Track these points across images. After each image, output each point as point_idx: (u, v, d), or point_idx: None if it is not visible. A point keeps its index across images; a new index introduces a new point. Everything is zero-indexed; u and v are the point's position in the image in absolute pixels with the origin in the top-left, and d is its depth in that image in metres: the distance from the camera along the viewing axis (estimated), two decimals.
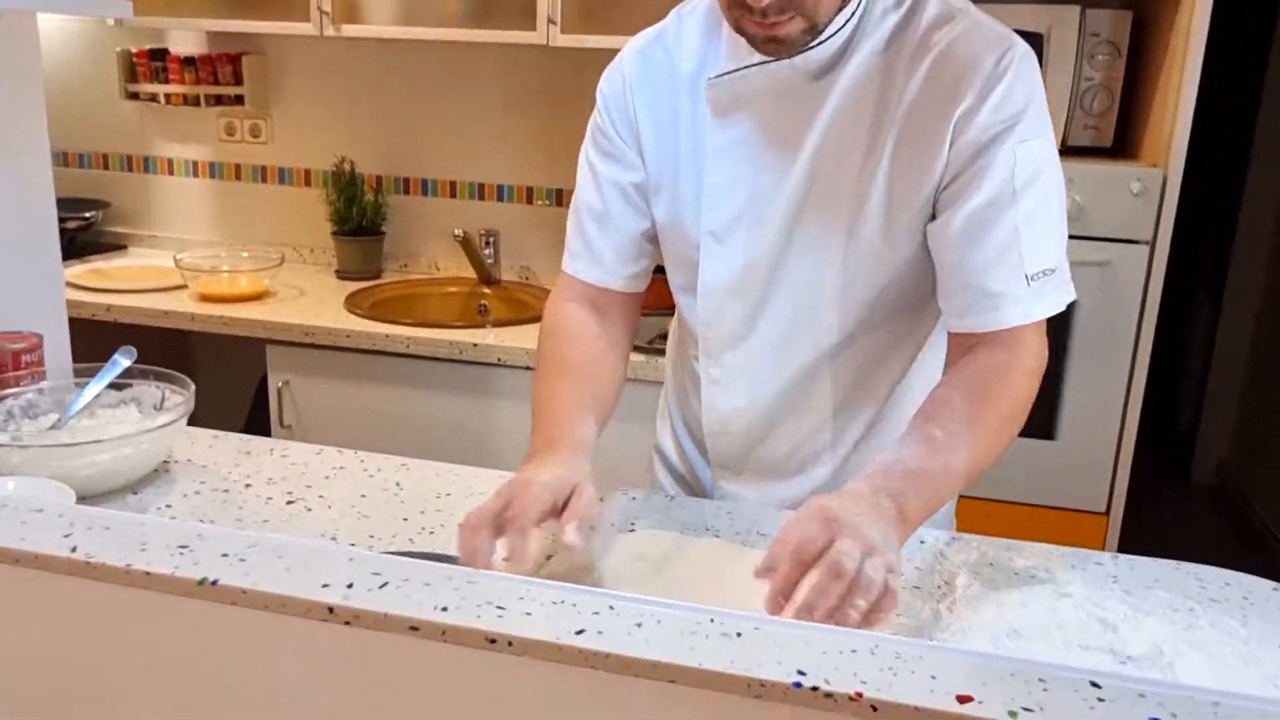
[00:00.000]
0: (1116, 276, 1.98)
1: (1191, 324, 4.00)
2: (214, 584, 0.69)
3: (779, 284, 1.09)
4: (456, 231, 2.42)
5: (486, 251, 2.54)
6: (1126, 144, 2.18)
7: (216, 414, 2.94)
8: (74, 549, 0.71)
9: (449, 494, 1.16)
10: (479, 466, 2.21)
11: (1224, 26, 2.06)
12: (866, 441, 1.17)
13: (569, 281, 1.18)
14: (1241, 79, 3.55)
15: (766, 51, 1.01)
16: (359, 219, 2.59)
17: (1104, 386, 2.05)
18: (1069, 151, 2.05)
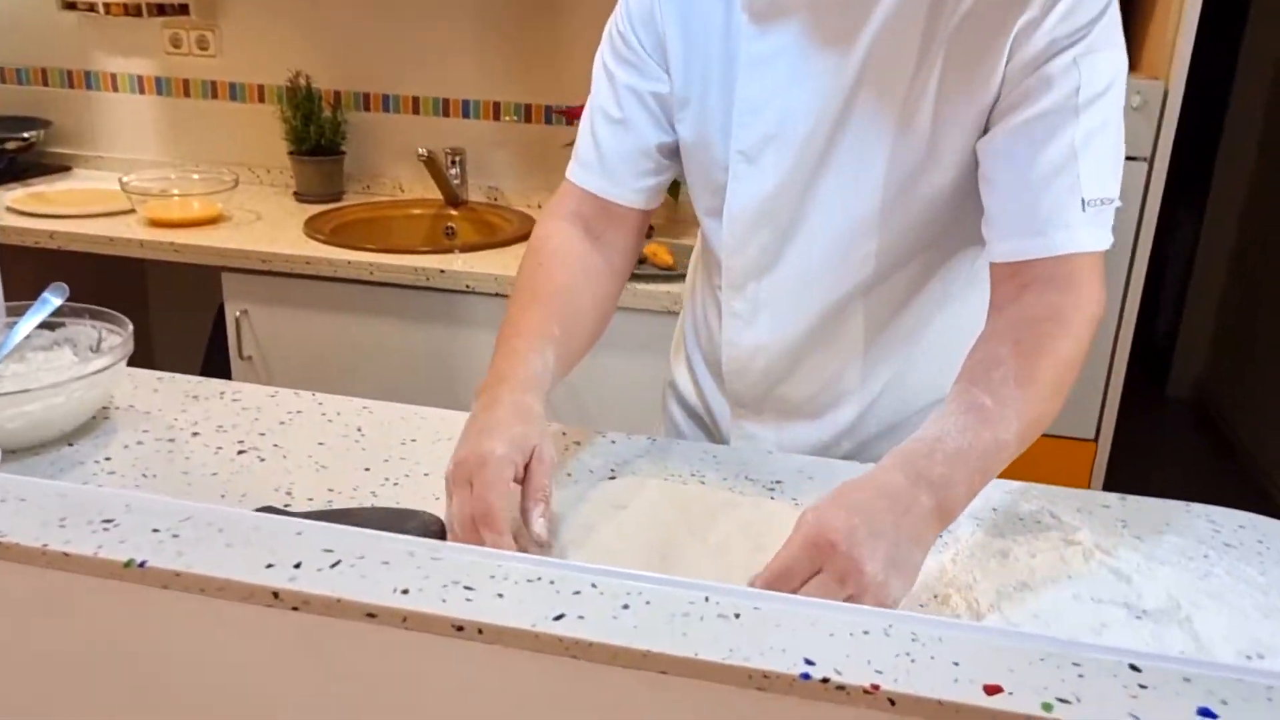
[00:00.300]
0: None
1: (1170, 241, 3.95)
2: (142, 566, 0.60)
3: (812, 209, 1.01)
4: (421, 150, 2.30)
5: (453, 171, 2.43)
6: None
7: (174, 345, 2.84)
8: None
9: (413, 440, 1.08)
10: (447, 395, 2.16)
11: None
12: (897, 384, 1.10)
13: (569, 192, 1.10)
14: None
15: None
16: (317, 138, 2.45)
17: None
18: None
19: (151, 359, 2.88)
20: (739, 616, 0.58)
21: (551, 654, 0.57)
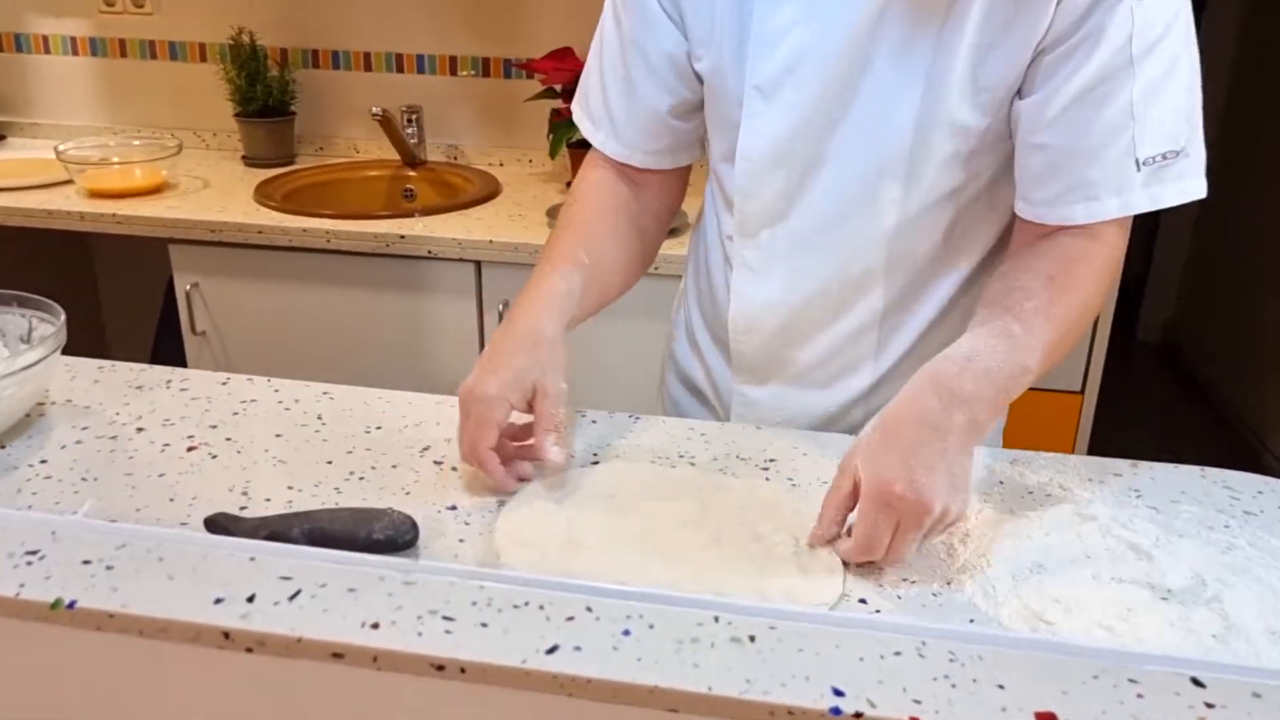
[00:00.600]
0: None
1: None
2: (72, 606, 0.53)
3: (832, 150, 0.93)
4: (375, 109, 2.18)
5: (409, 130, 2.32)
6: None
7: (126, 322, 2.72)
8: None
9: (379, 427, 1.00)
10: (414, 365, 2.07)
11: None
12: (915, 353, 1.03)
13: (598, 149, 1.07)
14: None
15: None
16: (264, 98, 2.33)
17: None
18: None
19: (103, 338, 2.77)
20: (754, 640, 0.52)
21: (545, 693, 0.50)
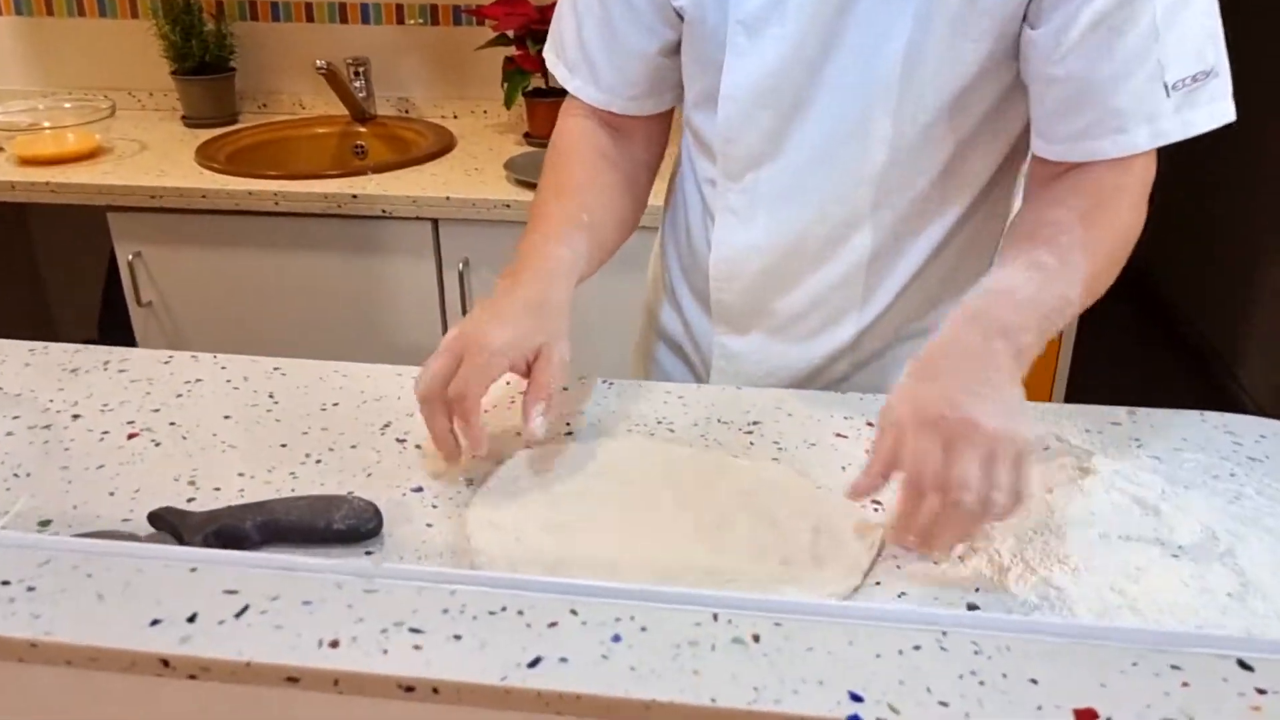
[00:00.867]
0: None
1: None
2: None
3: (820, 88, 0.88)
4: (319, 63, 2.08)
5: (357, 84, 2.22)
6: None
7: (70, 296, 2.61)
8: None
9: (335, 404, 0.94)
10: (370, 329, 2.00)
11: None
12: (901, 303, 0.98)
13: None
14: None
15: None
16: (201, 54, 2.22)
17: None
18: None
19: (48, 313, 2.66)
20: (759, 639, 0.47)
21: (529, 712, 0.45)
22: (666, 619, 0.48)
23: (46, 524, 0.76)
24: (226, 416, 0.92)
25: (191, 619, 0.47)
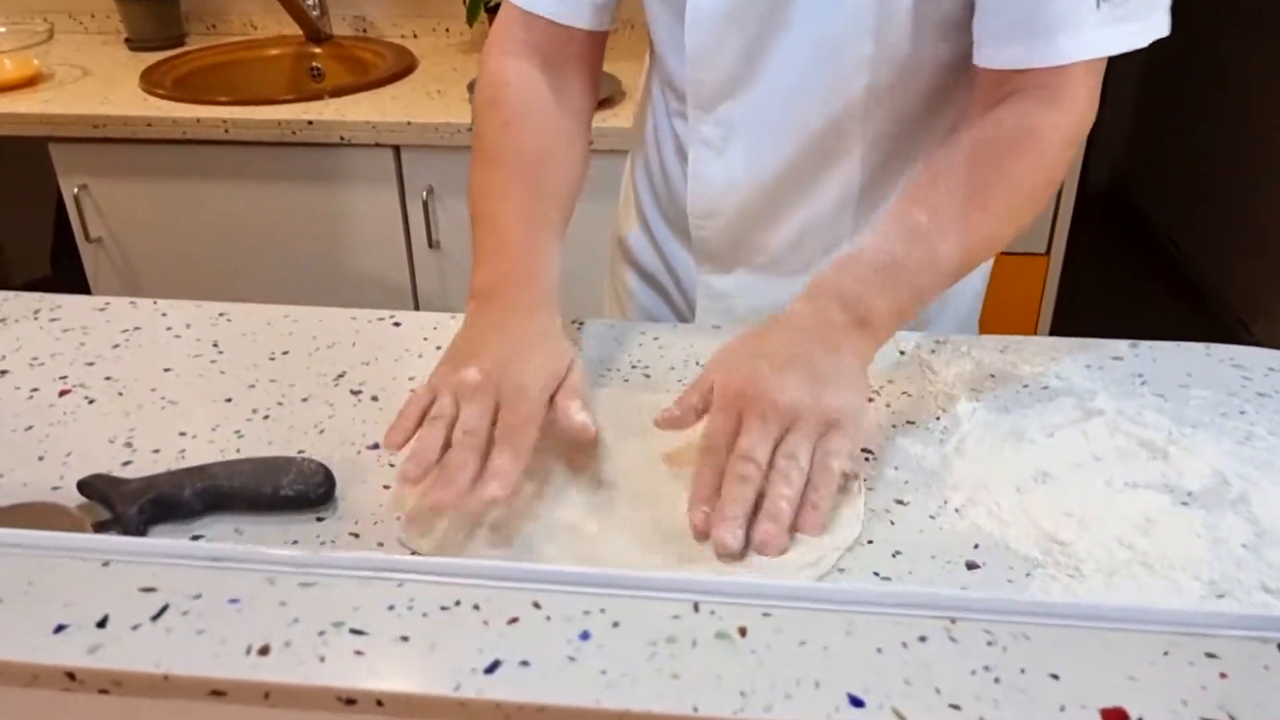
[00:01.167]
0: None
1: None
2: None
3: (792, 7, 0.81)
4: None
5: (310, 2, 2.11)
6: None
7: (20, 232, 2.50)
8: None
9: (285, 353, 0.87)
10: (330, 262, 1.91)
11: None
12: None
13: (514, 18, 0.88)
14: None
15: None
16: None
17: None
18: None
19: None
20: (745, 633, 0.42)
21: None
22: (641, 611, 0.42)
23: None
24: (167, 369, 0.85)
25: (102, 623, 0.41)
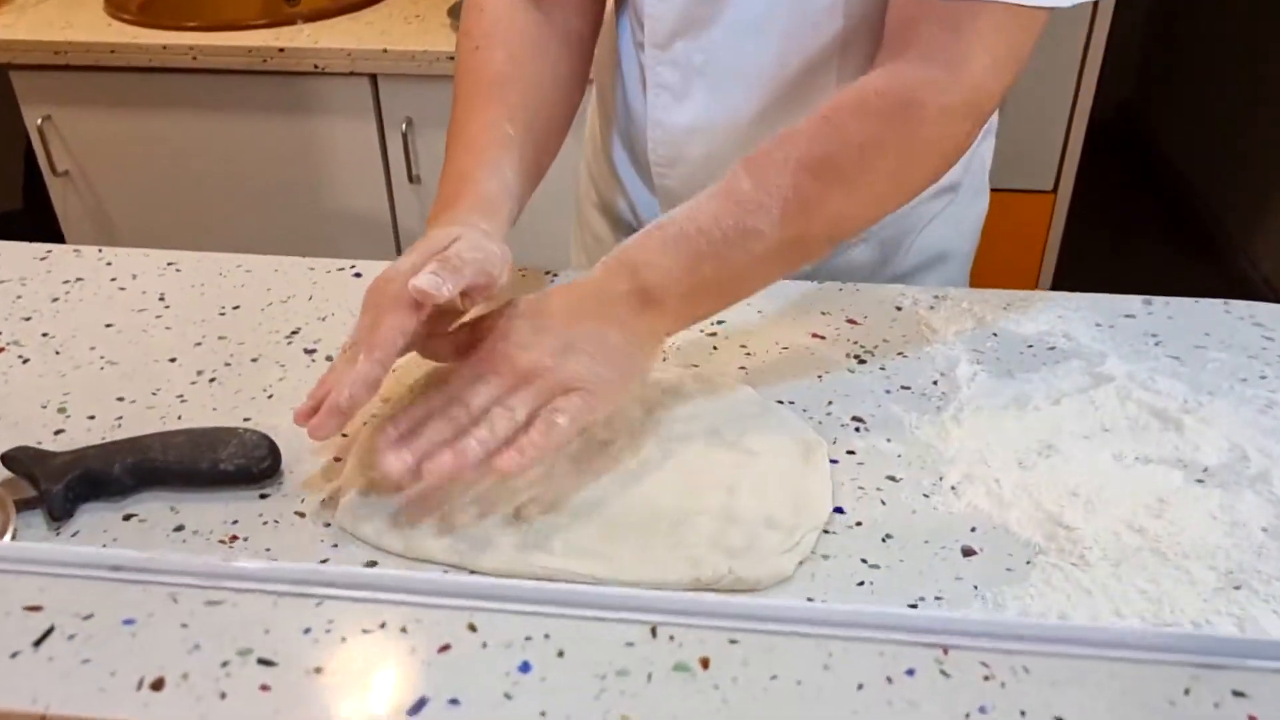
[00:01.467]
0: None
1: None
2: None
3: None
4: None
5: None
6: None
7: None
8: None
9: (236, 307, 0.81)
10: (305, 192, 1.84)
11: None
12: None
13: None
14: None
15: None
16: None
17: (1057, 56, 1.73)
18: None
19: None
20: (708, 665, 0.36)
21: None
22: (590, 637, 0.37)
23: None
24: (108, 325, 0.79)
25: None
